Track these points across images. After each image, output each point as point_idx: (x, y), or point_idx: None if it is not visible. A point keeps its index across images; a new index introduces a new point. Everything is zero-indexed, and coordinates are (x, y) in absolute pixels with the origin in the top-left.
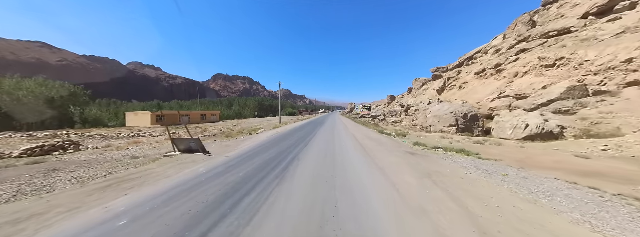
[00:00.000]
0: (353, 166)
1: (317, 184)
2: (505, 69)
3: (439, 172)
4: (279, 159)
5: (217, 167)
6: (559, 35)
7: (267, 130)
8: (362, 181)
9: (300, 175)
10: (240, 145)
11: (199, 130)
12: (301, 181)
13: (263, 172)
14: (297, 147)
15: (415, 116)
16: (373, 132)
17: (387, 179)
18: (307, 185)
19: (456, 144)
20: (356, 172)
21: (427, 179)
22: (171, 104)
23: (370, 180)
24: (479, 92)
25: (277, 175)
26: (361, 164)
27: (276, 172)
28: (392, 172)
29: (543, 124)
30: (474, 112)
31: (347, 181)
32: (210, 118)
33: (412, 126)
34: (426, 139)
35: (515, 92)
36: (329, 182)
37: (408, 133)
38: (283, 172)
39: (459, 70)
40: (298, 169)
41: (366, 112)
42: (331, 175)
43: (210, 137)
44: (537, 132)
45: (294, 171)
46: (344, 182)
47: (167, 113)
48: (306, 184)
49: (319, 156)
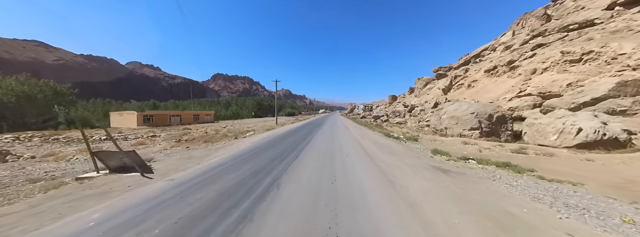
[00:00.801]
0: (366, 202)
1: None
2: (520, 65)
3: (514, 215)
4: (250, 186)
5: (129, 210)
6: (580, 28)
7: (258, 132)
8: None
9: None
10: (211, 155)
11: (177, 133)
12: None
13: (207, 220)
14: (283, 162)
15: (421, 117)
16: (379, 136)
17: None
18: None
19: (488, 153)
20: (373, 218)
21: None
22: (167, 103)
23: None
24: (491, 90)
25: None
26: (378, 196)
27: (233, 219)
28: (438, 219)
29: (601, 127)
30: (500, 112)
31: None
32: (203, 118)
33: (419, 127)
34: (444, 145)
35: (538, 90)
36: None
37: (418, 136)
38: (243, 220)
39: (466, 68)
40: (274, 209)
41: (367, 113)
42: (330, 226)
43: (187, 142)
44: (595, 138)
45: (264, 216)
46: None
47: (156, 113)
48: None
49: (311, 180)
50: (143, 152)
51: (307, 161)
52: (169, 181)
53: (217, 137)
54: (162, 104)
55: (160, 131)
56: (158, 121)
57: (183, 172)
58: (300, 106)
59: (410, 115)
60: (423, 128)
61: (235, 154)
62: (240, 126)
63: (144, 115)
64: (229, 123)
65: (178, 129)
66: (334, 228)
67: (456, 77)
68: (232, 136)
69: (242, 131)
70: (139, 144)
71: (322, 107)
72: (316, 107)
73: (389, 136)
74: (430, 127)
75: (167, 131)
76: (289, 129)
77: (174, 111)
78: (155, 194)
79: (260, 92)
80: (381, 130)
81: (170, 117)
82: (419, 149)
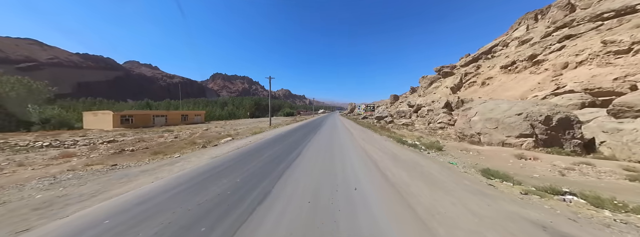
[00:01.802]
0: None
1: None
2: (545, 59)
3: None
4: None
5: None
6: (619, 15)
7: (240, 138)
8: None
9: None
10: (130, 184)
11: (150, 136)
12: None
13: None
14: (238, 209)
15: (431, 117)
16: (391, 143)
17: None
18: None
19: (580, 178)
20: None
21: None
22: (161, 103)
23: None
24: (511, 88)
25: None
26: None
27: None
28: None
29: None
30: (561, 113)
31: None
32: (193, 119)
33: (431, 130)
34: (487, 159)
35: (582, 86)
36: None
37: (439, 143)
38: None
39: (477, 65)
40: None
41: (369, 113)
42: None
43: (133, 152)
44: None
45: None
46: None
47: (137, 113)
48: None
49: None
50: (11, 180)
51: (293, 189)
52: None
53: (184, 144)
54: (156, 104)
55: (133, 134)
56: (138, 121)
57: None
58: (300, 106)
59: (417, 116)
60: (436, 131)
61: (181, 180)
62: (230, 127)
63: (122, 116)
64: (221, 124)
65: (157, 131)
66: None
67: (466, 75)
68: (202, 143)
69: (219, 136)
70: (63, 156)
71: (321, 107)
72: (315, 107)
73: (402, 143)
74: (456, 131)
75: (144, 133)
76: (281, 132)
77: (159, 111)
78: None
79: (259, 92)
80: (389, 134)
81: (154, 117)
82: (455, 165)
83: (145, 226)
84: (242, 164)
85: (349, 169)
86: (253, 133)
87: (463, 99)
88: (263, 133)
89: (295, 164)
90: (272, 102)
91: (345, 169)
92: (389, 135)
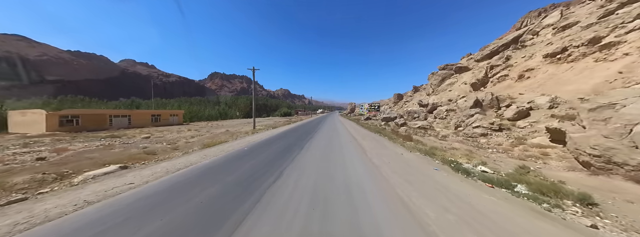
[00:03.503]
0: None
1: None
2: (619, 41)
3: None
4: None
5: None
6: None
7: (193, 151)
8: None
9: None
10: None
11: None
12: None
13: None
14: None
15: (459, 120)
16: (440, 174)
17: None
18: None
19: None
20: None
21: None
22: (148, 102)
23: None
24: (571, 80)
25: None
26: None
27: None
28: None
29: None
30: None
31: None
32: (168, 120)
33: (468, 137)
34: None
35: None
36: None
37: (554, 183)
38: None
39: (507, 56)
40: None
41: (374, 113)
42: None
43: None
44: None
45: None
46: None
47: (85, 112)
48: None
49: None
50: None
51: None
52: None
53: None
54: (144, 103)
55: (50, 140)
56: (88, 123)
57: None
58: (298, 106)
59: (434, 118)
60: (476, 139)
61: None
62: (207, 130)
63: (62, 116)
64: (201, 125)
65: (98, 137)
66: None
67: (493, 68)
68: (101, 164)
69: (154, 151)
70: None
71: (320, 107)
72: (314, 106)
73: (462, 171)
74: (577, 150)
75: (76, 140)
76: (263, 138)
77: (121, 111)
78: None
79: (258, 92)
80: (414, 144)
81: (112, 118)
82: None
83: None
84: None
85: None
86: (219, 142)
87: (497, 96)
88: (237, 141)
89: None
90: (270, 102)
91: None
92: (415, 147)
